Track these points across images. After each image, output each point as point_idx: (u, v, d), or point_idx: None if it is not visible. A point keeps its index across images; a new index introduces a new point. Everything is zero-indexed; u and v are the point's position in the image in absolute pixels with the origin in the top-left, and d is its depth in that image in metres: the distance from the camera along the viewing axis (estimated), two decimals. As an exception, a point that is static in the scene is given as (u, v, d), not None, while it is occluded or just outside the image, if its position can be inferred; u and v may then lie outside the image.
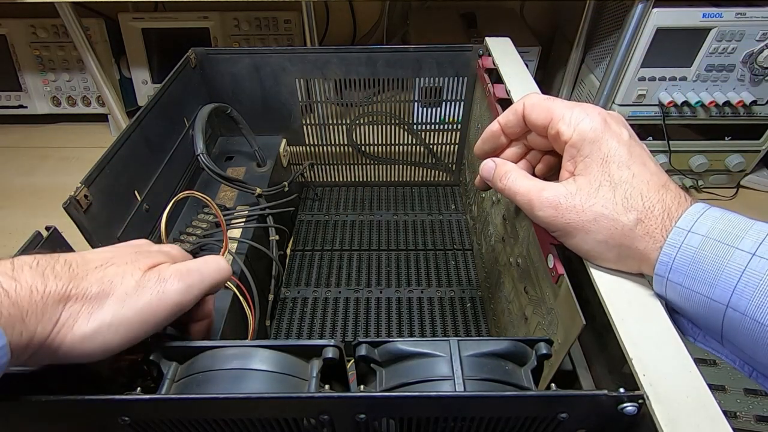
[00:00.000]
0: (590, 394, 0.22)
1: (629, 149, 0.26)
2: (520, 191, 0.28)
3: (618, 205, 0.25)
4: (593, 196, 0.25)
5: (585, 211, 0.25)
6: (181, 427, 0.24)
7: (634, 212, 0.24)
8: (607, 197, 0.25)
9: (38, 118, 0.93)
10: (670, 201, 0.24)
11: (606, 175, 0.26)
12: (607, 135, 0.26)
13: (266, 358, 0.24)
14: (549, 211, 0.27)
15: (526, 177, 0.29)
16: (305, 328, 0.49)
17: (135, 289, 0.23)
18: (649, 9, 0.63)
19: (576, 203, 0.26)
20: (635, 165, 0.26)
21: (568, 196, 0.26)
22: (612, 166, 0.26)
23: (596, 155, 0.26)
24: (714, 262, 0.22)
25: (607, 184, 0.25)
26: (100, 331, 0.22)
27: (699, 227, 0.23)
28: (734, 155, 0.76)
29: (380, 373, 0.25)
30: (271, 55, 0.55)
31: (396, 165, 0.66)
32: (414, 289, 0.53)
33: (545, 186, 0.28)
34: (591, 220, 0.25)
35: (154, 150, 0.45)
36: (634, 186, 0.25)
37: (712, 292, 0.22)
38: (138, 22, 0.84)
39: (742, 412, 0.46)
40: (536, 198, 0.27)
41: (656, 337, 0.23)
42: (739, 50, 0.65)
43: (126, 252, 0.26)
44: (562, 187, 0.27)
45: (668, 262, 0.23)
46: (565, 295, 0.28)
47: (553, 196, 0.27)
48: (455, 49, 0.55)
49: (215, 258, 0.28)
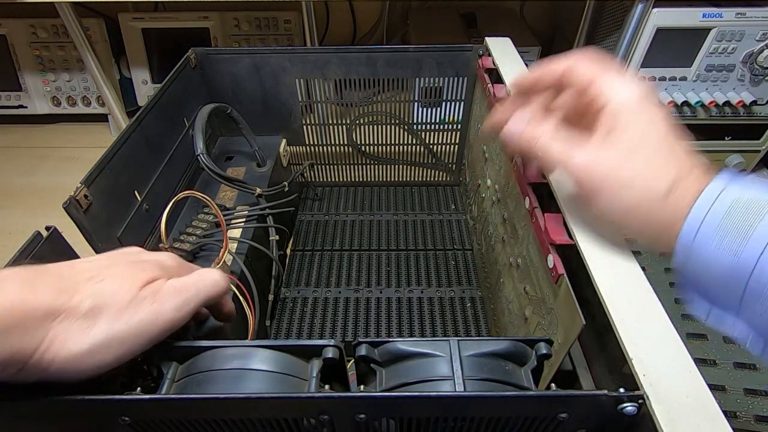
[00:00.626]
0: (590, 394, 0.22)
1: (665, 127, 0.26)
2: (552, 152, 0.28)
3: (650, 173, 0.25)
4: (626, 162, 0.26)
5: (618, 177, 0.25)
6: (181, 427, 0.24)
7: (666, 181, 0.24)
8: (640, 166, 0.25)
9: (38, 118, 0.93)
10: (699, 172, 0.24)
11: (640, 146, 0.26)
12: (648, 108, 0.27)
13: (266, 358, 0.24)
14: (582, 174, 0.27)
15: (559, 139, 0.28)
16: (305, 328, 0.49)
17: (130, 305, 0.23)
18: (649, 9, 0.63)
19: (609, 168, 0.26)
20: (669, 142, 0.26)
21: (601, 160, 0.26)
22: (647, 139, 0.26)
23: (634, 126, 0.26)
24: (745, 221, 0.22)
25: (640, 155, 0.26)
26: (94, 349, 0.21)
27: (730, 191, 0.22)
28: (734, 155, 0.76)
29: (380, 373, 0.25)
30: (271, 55, 0.55)
31: (396, 165, 0.66)
32: (414, 289, 0.53)
33: (578, 149, 0.27)
34: (622, 185, 0.25)
35: (154, 150, 0.45)
36: (667, 159, 0.25)
37: (740, 251, 0.21)
38: (138, 22, 0.84)
39: (742, 412, 0.46)
40: (569, 161, 0.27)
41: (656, 337, 0.23)
42: (739, 50, 0.65)
43: (119, 263, 0.25)
44: (595, 149, 0.27)
45: (695, 226, 0.23)
46: (565, 295, 0.28)
47: (585, 159, 0.27)
48: (455, 49, 0.55)
49: (211, 272, 0.28)
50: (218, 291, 0.27)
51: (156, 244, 0.43)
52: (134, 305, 0.23)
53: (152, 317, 0.23)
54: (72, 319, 0.21)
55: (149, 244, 0.42)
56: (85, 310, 0.21)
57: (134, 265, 0.25)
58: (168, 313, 0.24)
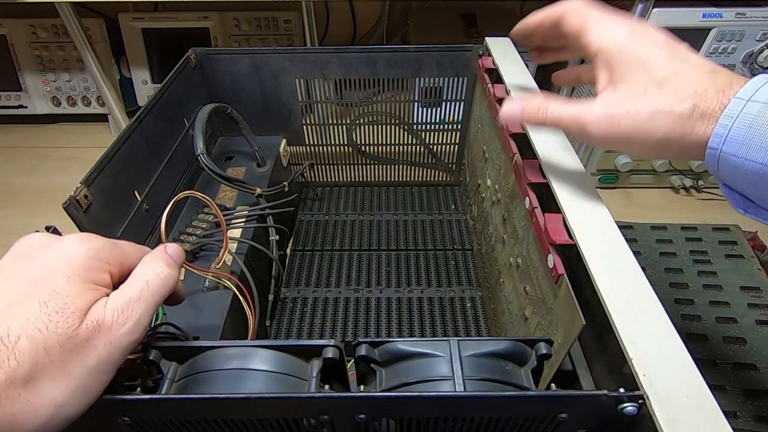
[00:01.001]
0: (590, 394, 0.22)
1: (668, 48, 0.26)
2: (565, 115, 0.27)
3: (669, 97, 0.24)
4: (642, 97, 0.25)
5: (639, 113, 0.25)
6: (181, 427, 0.24)
7: (688, 100, 0.24)
8: (657, 94, 0.25)
9: (38, 118, 0.93)
10: (722, 82, 0.24)
11: (647, 76, 0.25)
12: (640, 38, 0.26)
13: (266, 358, 0.24)
14: (603, 124, 0.26)
15: (565, 102, 0.28)
16: (305, 328, 0.49)
17: (75, 350, 0.19)
18: (649, 9, 0.63)
19: (628, 108, 0.25)
20: (677, 61, 0.25)
21: (617, 103, 0.26)
22: (652, 67, 0.25)
23: (633, 59, 0.26)
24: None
25: (652, 84, 0.25)
26: (55, 415, 0.19)
27: (760, 95, 0.22)
28: (734, 155, 0.76)
29: (380, 373, 0.25)
30: (271, 55, 0.55)
31: (396, 165, 0.66)
32: (414, 289, 0.53)
33: (592, 103, 0.27)
34: (647, 119, 0.25)
35: (154, 150, 0.45)
36: (681, 78, 0.25)
37: (766, 157, 0.21)
38: (138, 22, 0.84)
39: (742, 412, 0.46)
40: (586, 115, 0.26)
41: (656, 337, 0.23)
42: (739, 50, 0.65)
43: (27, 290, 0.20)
44: (606, 97, 0.26)
45: (723, 134, 0.23)
46: (565, 295, 0.28)
47: (602, 108, 0.26)
48: (455, 49, 0.55)
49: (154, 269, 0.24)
50: (169, 287, 0.24)
51: (156, 244, 0.43)
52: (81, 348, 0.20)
53: (108, 353, 0.20)
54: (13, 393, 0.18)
55: (149, 244, 0.42)
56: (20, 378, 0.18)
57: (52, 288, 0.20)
58: (125, 340, 0.21)
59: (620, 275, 0.26)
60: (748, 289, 0.57)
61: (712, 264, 0.60)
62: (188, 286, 0.41)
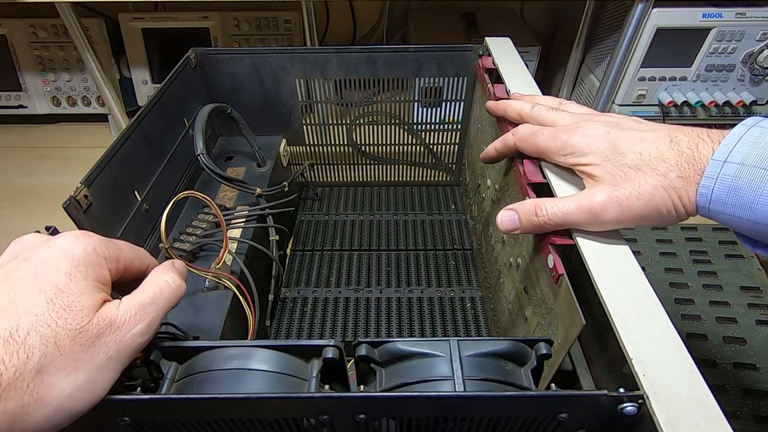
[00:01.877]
0: (590, 394, 0.22)
1: (618, 138, 0.28)
2: (570, 210, 0.28)
3: (655, 175, 0.26)
4: (631, 180, 0.27)
5: (641, 193, 0.26)
6: (181, 427, 0.24)
7: (671, 172, 0.25)
8: (641, 176, 0.26)
9: (38, 118, 0.93)
10: (686, 148, 0.25)
11: (620, 166, 0.27)
12: (593, 143, 0.29)
13: (266, 358, 0.24)
14: (614, 209, 0.27)
15: (557, 199, 0.29)
16: (305, 328, 0.49)
17: (85, 344, 0.20)
18: (649, 9, 0.63)
19: (628, 191, 0.26)
20: (634, 146, 0.27)
21: (615, 190, 0.27)
22: (618, 159, 0.27)
23: (598, 159, 0.28)
24: (751, 188, 0.22)
25: (630, 170, 0.27)
26: (61, 407, 0.19)
27: (735, 156, 0.23)
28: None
29: (380, 373, 0.25)
30: (271, 55, 0.55)
31: (396, 165, 0.66)
32: (414, 289, 0.53)
33: (588, 193, 0.28)
34: (651, 196, 0.26)
35: (154, 150, 0.45)
36: (649, 158, 0.26)
37: (753, 215, 0.23)
38: (138, 22, 0.84)
39: (742, 412, 0.46)
40: (594, 205, 0.27)
41: (656, 337, 0.23)
42: (739, 50, 0.65)
43: (30, 287, 0.20)
44: (601, 186, 0.28)
45: (707, 194, 0.24)
46: (565, 295, 0.28)
47: (606, 195, 0.27)
48: (455, 49, 0.55)
49: (167, 279, 0.25)
50: (178, 299, 0.25)
51: (156, 244, 0.43)
52: (90, 344, 0.20)
53: (116, 352, 0.21)
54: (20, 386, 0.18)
55: (149, 244, 0.42)
56: (32, 370, 0.18)
57: (45, 285, 0.20)
58: (134, 341, 0.22)
59: (620, 275, 0.26)
60: (748, 289, 0.57)
61: (712, 264, 0.61)
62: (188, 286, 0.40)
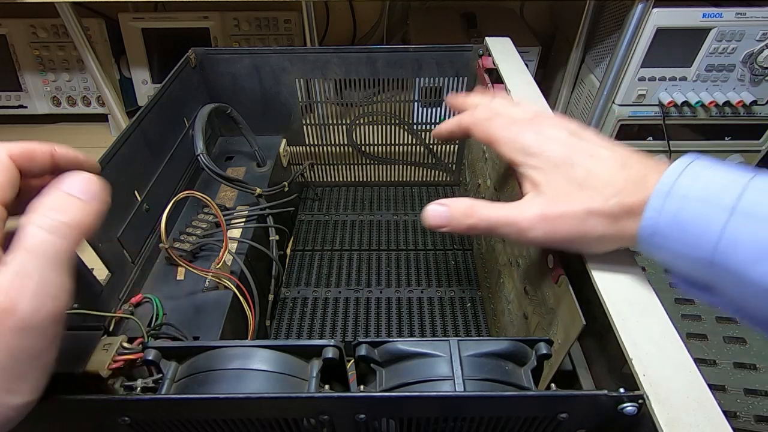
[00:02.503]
0: (590, 394, 0.22)
1: (573, 147, 0.27)
2: (500, 220, 0.27)
3: (596, 198, 0.25)
4: (570, 198, 0.25)
5: (574, 215, 0.25)
6: (181, 427, 0.24)
7: (613, 198, 0.24)
8: (582, 195, 0.25)
9: (38, 118, 0.93)
10: (635, 174, 0.24)
11: (566, 178, 0.26)
12: (546, 145, 0.27)
13: (266, 358, 0.24)
14: (542, 227, 0.26)
15: (492, 204, 0.28)
16: (305, 328, 0.49)
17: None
18: (649, 9, 0.63)
19: (561, 209, 0.25)
20: (586, 160, 0.26)
21: (549, 205, 0.26)
22: (566, 169, 0.26)
23: (545, 165, 0.27)
24: (695, 223, 0.22)
25: (574, 186, 0.26)
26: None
27: (678, 188, 0.22)
28: (734, 155, 0.76)
29: (380, 373, 0.25)
30: (271, 55, 0.55)
31: (396, 165, 0.66)
32: (414, 289, 0.53)
33: (522, 205, 0.27)
34: (582, 220, 0.25)
35: (154, 150, 0.45)
36: (596, 178, 0.25)
37: (695, 251, 0.22)
38: (138, 22, 0.84)
39: (742, 412, 0.46)
40: (522, 220, 0.26)
41: (656, 337, 0.23)
42: (739, 50, 0.65)
43: None
44: (537, 199, 0.26)
45: (651, 226, 0.23)
46: (565, 295, 0.28)
47: (537, 210, 0.26)
48: (455, 49, 0.55)
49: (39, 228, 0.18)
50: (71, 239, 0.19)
51: (156, 244, 0.43)
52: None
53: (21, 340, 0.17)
54: None
55: (149, 244, 0.42)
56: None
57: None
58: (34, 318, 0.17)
59: (620, 275, 0.26)
60: (748, 289, 0.57)
61: (712, 264, 0.60)
62: (188, 286, 0.41)
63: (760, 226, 0.20)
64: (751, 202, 0.20)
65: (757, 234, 0.20)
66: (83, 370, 0.26)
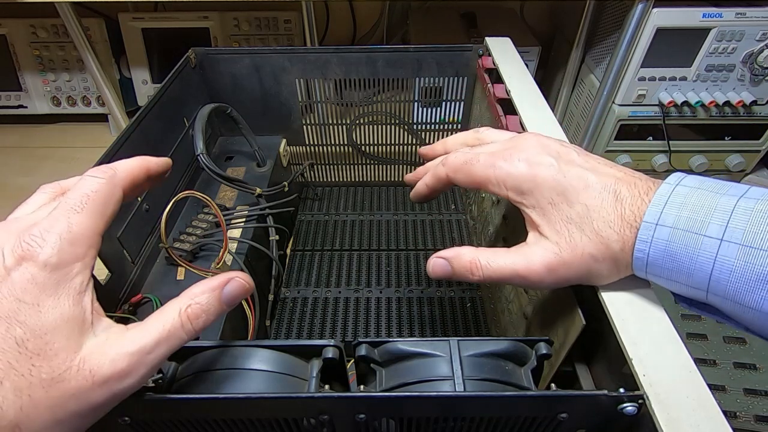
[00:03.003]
0: (590, 394, 0.22)
1: (565, 177, 0.25)
2: (506, 274, 0.26)
3: (597, 243, 0.24)
4: (573, 244, 0.25)
5: (580, 264, 0.25)
6: (181, 427, 0.24)
7: (615, 243, 0.24)
8: (584, 240, 0.24)
9: (38, 118, 0.93)
10: (629, 211, 0.24)
11: (565, 218, 0.25)
12: (539, 176, 0.26)
13: (266, 358, 0.24)
14: (550, 279, 0.25)
15: (495, 254, 0.27)
16: (305, 328, 0.49)
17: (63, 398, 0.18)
18: (649, 9, 0.63)
19: (565, 258, 0.25)
20: (581, 194, 0.25)
21: (553, 254, 0.25)
22: (563, 207, 0.25)
23: (542, 202, 0.26)
24: (686, 254, 0.22)
25: (573, 227, 0.25)
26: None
27: (665, 218, 0.22)
28: (734, 155, 0.76)
29: (380, 373, 0.25)
30: (271, 55, 0.55)
31: (396, 165, 0.66)
32: (414, 289, 0.53)
33: (527, 255, 0.26)
34: (588, 266, 0.25)
35: (154, 150, 0.45)
36: (594, 217, 0.24)
37: (690, 280, 0.22)
38: (138, 22, 0.84)
39: (742, 412, 0.46)
40: (530, 273, 0.26)
41: (656, 337, 0.23)
42: (739, 50, 0.65)
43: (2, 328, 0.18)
44: (540, 248, 0.26)
45: (643, 258, 0.23)
46: (565, 295, 0.28)
47: (543, 262, 0.25)
48: (455, 49, 0.55)
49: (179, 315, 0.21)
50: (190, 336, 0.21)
51: (156, 244, 0.43)
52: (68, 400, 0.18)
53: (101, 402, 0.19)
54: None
55: (149, 244, 0.42)
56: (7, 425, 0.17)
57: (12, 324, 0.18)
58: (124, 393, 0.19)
59: (620, 275, 0.26)
60: (748, 289, 0.57)
61: (712, 264, 0.60)
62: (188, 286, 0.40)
63: (751, 253, 0.20)
64: (740, 230, 0.20)
65: (748, 262, 0.20)
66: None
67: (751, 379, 0.49)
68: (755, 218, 0.20)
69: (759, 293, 0.20)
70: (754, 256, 0.20)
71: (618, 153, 0.77)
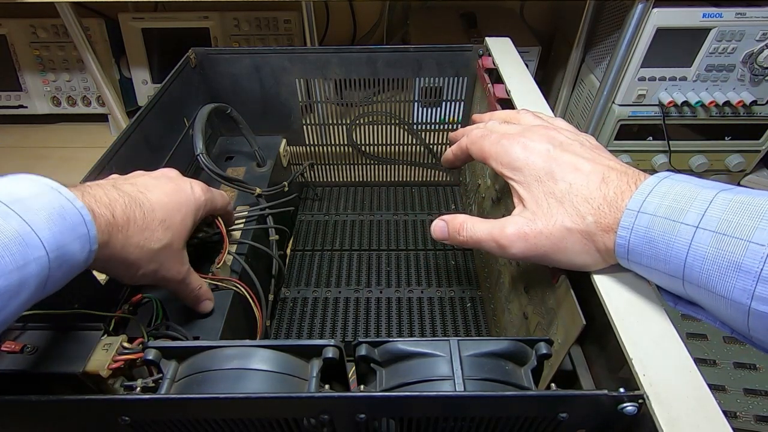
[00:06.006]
0: (590, 394, 0.22)
1: (556, 161, 0.27)
2: (483, 237, 0.29)
3: (573, 215, 0.25)
4: (549, 215, 0.26)
5: (552, 233, 0.26)
6: (181, 427, 0.24)
7: (590, 216, 0.25)
8: (561, 212, 0.26)
9: (38, 118, 0.93)
10: (612, 193, 0.25)
11: (548, 192, 0.27)
12: (530, 158, 0.28)
13: (266, 358, 0.24)
14: (520, 245, 0.27)
15: (481, 221, 0.29)
16: (305, 328, 0.49)
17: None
18: (649, 9, 0.63)
19: (539, 227, 0.26)
20: (568, 174, 0.27)
21: (528, 223, 0.27)
22: (548, 183, 0.27)
23: (530, 179, 0.28)
24: (663, 240, 0.22)
25: (554, 201, 0.26)
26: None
27: (647, 206, 0.23)
28: (734, 155, 0.76)
29: (380, 373, 0.25)
30: (271, 55, 0.55)
31: (396, 165, 0.66)
32: (414, 289, 0.53)
33: (504, 222, 0.28)
34: (561, 237, 0.26)
35: (154, 150, 0.45)
36: (576, 194, 0.26)
37: (667, 267, 0.22)
38: (138, 22, 0.84)
39: (742, 412, 0.46)
40: (502, 237, 0.28)
41: (656, 337, 0.23)
42: (739, 50, 0.65)
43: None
44: (519, 217, 0.28)
45: (624, 245, 0.24)
46: (565, 295, 0.28)
47: (516, 229, 0.27)
48: (455, 49, 0.55)
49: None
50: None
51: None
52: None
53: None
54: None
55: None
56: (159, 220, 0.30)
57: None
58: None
59: (620, 275, 0.26)
60: (748, 289, 0.57)
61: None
62: (188, 286, 0.40)
63: (723, 240, 0.20)
64: (715, 218, 0.21)
65: (720, 249, 0.20)
66: (83, 370, 0.26)
67: (751, 379, 0.49)
68: (732, 207, 0.20)
69: (729, 281, 0.20)
70: (726, 243, 0.20)
71: (618, 153, 0.77)
